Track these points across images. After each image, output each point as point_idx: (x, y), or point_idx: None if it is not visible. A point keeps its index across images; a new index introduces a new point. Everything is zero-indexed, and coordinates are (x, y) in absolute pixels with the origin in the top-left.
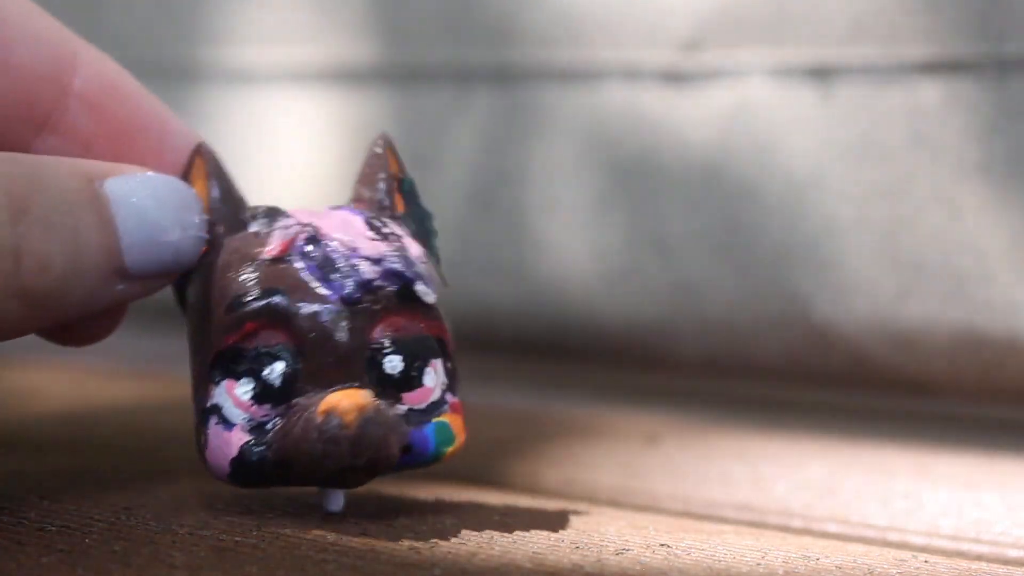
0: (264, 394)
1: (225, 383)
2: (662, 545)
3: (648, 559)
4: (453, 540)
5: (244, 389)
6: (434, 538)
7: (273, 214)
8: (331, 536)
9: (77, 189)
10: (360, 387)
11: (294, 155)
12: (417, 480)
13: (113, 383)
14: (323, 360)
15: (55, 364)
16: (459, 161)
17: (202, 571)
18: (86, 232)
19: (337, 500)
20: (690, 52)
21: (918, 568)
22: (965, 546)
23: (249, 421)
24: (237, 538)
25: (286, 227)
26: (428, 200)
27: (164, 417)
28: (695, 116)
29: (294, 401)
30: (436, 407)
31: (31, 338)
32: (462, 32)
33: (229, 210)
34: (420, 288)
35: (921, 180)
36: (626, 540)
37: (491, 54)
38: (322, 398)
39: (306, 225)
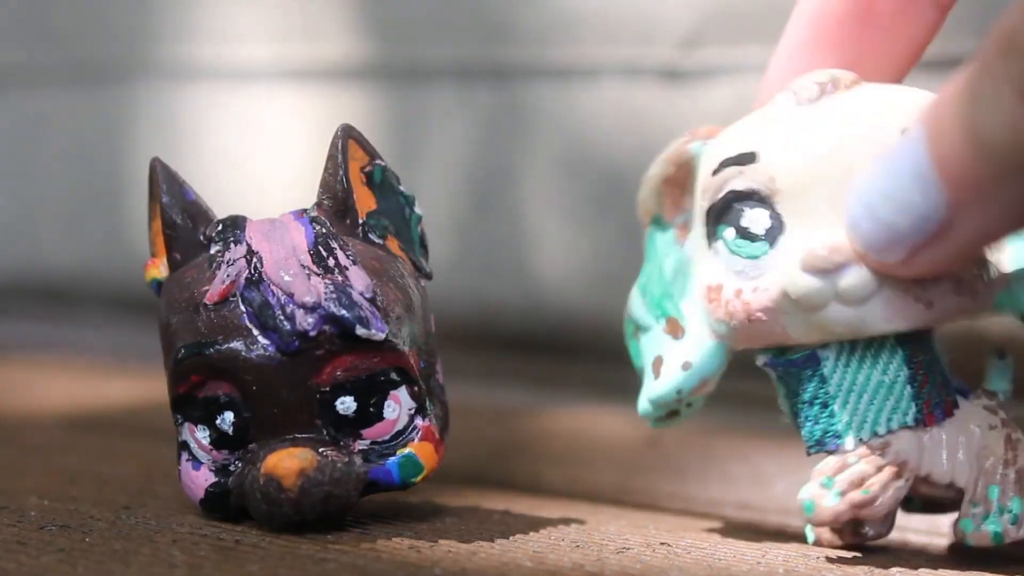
0: (221, 440)
1: (187, 426)
2: (662, 544)
3: (648, 558)
4: (453, 539)
5: (203, 435)
6: (434, 537)
7: (231, 230)
8: (331, 536)
9: None
10: (309, 439)
11: (291, 152)
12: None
13: (113, 383)
14: (270, 410)
15: (55, 364)
16: (457, 159)
17: (202, 570)
18: None
19: None
20: (688, 50)
21: (918, 568)
22: None
23: (214, 463)
24: (238, 537)
25: (232, 260)
26: (427, 200)
27: (164, 417)
28: (693, 114)
29: (251, 446)
30: (402, 436)
31: (31, 338)
32: (460, 30)
33: (187, 232)
34: (362, 331)
35: None
36: (626, 539)
37: (489, 52)
38: (267, 454)
39: (254, 255)
